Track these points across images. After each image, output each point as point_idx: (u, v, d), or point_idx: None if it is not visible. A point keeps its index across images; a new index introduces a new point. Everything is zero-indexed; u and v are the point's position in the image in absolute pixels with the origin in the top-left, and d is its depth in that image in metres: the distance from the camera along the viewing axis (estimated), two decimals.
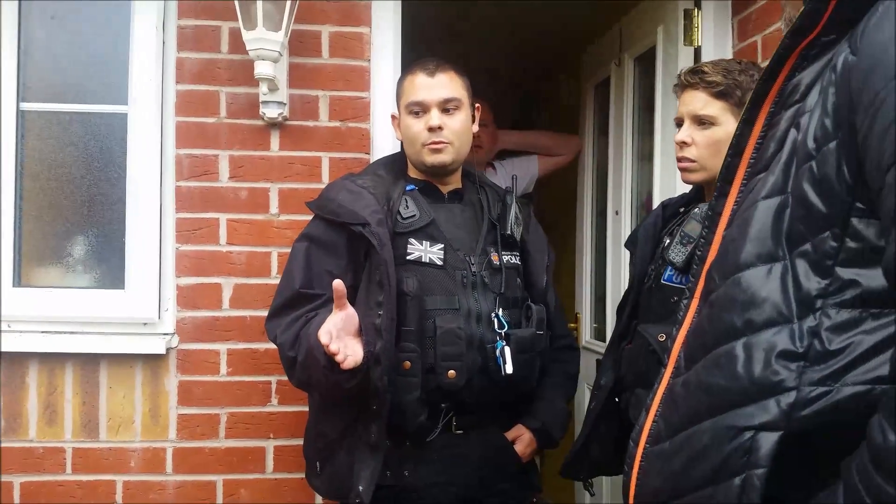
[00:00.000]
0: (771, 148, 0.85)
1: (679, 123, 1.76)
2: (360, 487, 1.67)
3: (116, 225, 2.17)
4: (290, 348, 1.71)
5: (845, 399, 0.71)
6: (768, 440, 0.74)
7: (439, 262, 1.78)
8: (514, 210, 1.91)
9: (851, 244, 0.73)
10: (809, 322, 0.75)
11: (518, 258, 1.93)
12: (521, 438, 1.91)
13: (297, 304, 1.76)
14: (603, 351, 2.90)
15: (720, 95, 1.67)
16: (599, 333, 3.10)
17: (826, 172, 0.75)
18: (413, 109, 1.81)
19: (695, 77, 1.70)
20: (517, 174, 2.98)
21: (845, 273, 0.74)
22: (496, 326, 1.78)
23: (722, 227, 0.90)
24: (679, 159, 1.74)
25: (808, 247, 0.76)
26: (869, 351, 0.71)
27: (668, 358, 0.91)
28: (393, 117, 1.91)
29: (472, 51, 4.00)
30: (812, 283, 0.75)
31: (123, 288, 2.16)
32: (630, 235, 2.03)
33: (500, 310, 1.81)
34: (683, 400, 0.85)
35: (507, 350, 1.75)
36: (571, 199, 3.47)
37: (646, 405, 0.92)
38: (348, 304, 1.59)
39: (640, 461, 0.90)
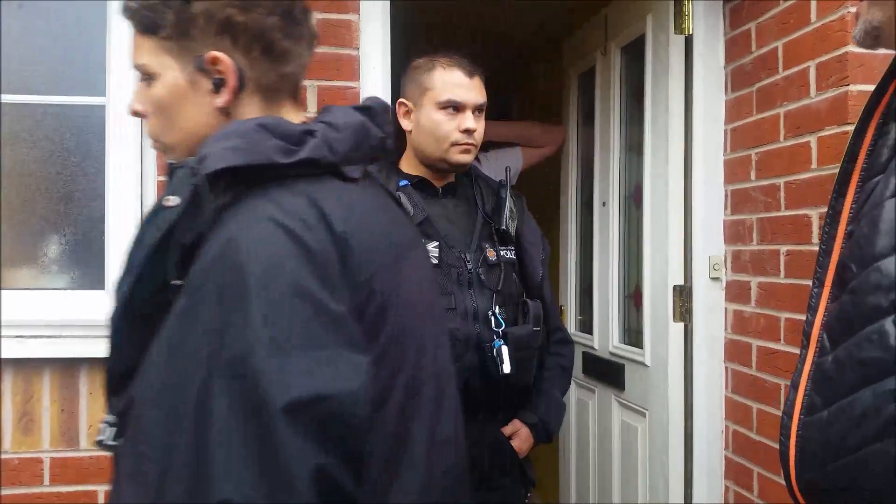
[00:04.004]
0: (884, 154, 0.96)
1: None
2: None
3: (96, 222, 2.06)
4: None
5: None
6: None
7: (434, 261, 1.73)
8: (508, 204, 1.89)
9: None
10: None
11: (513, 253, 1.90)
12: (519, 434, 1.88)
13: None
14: (587, 342, 2.90)
15: None
16: (584, 325, 3.08)
17: None
18: (447, 107, 1.76)
19: None
20: (501, 166, 2.95)
21: None
22: (493, 325, 1.75)
23: (843, 223, 1.00)
24: None
25: None
26: None
27: (808, 341, 1.01)
28: (402, 104, 1.84)
29: (450, 33, 3.94)
30: None
31: (104, 289, 2.05)
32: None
33: (497, 307, 1.78)
34: (837, 374, 0.94)
35: (505, 349, 1.72)
36: (553, 189, 3.44)
37: (793, 383, 1.02)
38: None
39: (799, 430, 0.99)
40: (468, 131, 1.77)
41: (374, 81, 2.13)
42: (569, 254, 3.21)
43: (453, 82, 1.77)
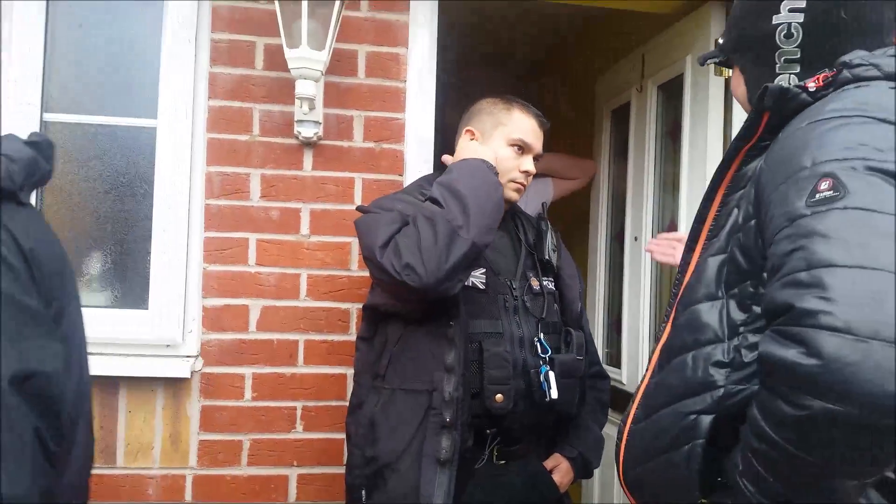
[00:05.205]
0: (723, 220, 1.16)
1: None
2: None
3: (141, 242, 2.10)
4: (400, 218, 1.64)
5: (753, 394, 0.99)
6: (705, 421, 1.05)
7: (482, 286, 1.77)
8: (549, 236, 1.93)
9: (763, 290, 1.02)
10: (735, 342, 1.06)
11: (553, 284, 1.92)
12: (559, 468, 1.89)
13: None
14: (615, 376, 2.90)
15: None
16: (612, 359, 3.09)
17: (748, 242, 1.06)
18: (518, 144, 1.83)
19: None
20: (532, 198, 2.98)
21: (758, 309, 1.04)
22: (539, 351, 1.78)
23: (690, 273, 1.21)
24: None
25: (736, 290, 1.07)
26: None
27: (650, 364, 1.23)
28: (469, 132, 1.85)
29: (482, 66, 4.00)
30: (738, 315, 1.06)
31: (146, 308, 2.08)
32: None
33: (542, 334, 1.80)
34: (655, 393, 1.17)
35: (552, 375, 1.74)
36: (580, 222, 3.46)
37: (633, 396, 1.24)
38: None
39: (627, 436, 1.21)
40: (527, 173, 1.84)
41: (419, 114, 2.17)
42: (597, 286, 3.21)
43: (527, 126, 1.84)
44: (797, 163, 0.95)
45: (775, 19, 1.18)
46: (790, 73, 1.18)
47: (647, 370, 1.23)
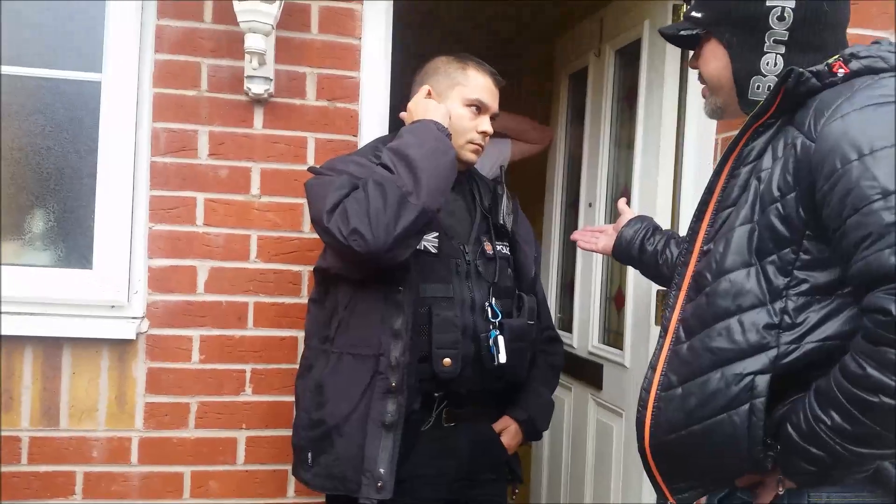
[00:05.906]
0: (735, 192, 1.25)
1: None
2: (381, 470, 1.61)
3: (85, 200, 2.03)
4: (352, 182, 1.60)
5: (806, 352, 1.15)
6: (763, 380, 1.15)
7: (434, 250, 1.76)
8: (505, 200, 1.92)
9: (804, 256, 1.16)
10: (779, 305, 1.17)
11: (508, 249, 1.92)
12: (508, 430, 1.91)
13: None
14: (567, 341, 2.93)
15: None
16: (564, 324, 3.12)
17: (788, 211, 1.17)
18: (473, 104, 1.80)
19: None
20: (489, 158, 2.96)
21: (800, 274, 1.17)
22: (490, 315, 1.78)
23: (699, 242, 1.30)
24: None
25: (774, 257, 1.17)
26: (818, 322, 1.15)
27: (666, 332, 1.30)
28: (428, 93, 1.81)
29: (439, 29, 3.95)
30: (779, 280, 1.17)
31: (91, 268, 2.03)
32: None
33: (494, 299, 1.81)
34: (691, 358, 1.23)
35: (501, 339, 1.76)
36: (535, 188, 3.46)
37: (651, 365, 1.30)
38: None
39: (655, 403, 1.27)
40: (485, 133, 1.82)
41: (374, 73, 2.13)
42: (551, 253, 3.23)
43: (483, 85, 1.82)
44: (869, 141, 1.07)
45: (769, 2, 1.28)
46: (776, 53, 1.29)
47: (664, 338, 1.30)
